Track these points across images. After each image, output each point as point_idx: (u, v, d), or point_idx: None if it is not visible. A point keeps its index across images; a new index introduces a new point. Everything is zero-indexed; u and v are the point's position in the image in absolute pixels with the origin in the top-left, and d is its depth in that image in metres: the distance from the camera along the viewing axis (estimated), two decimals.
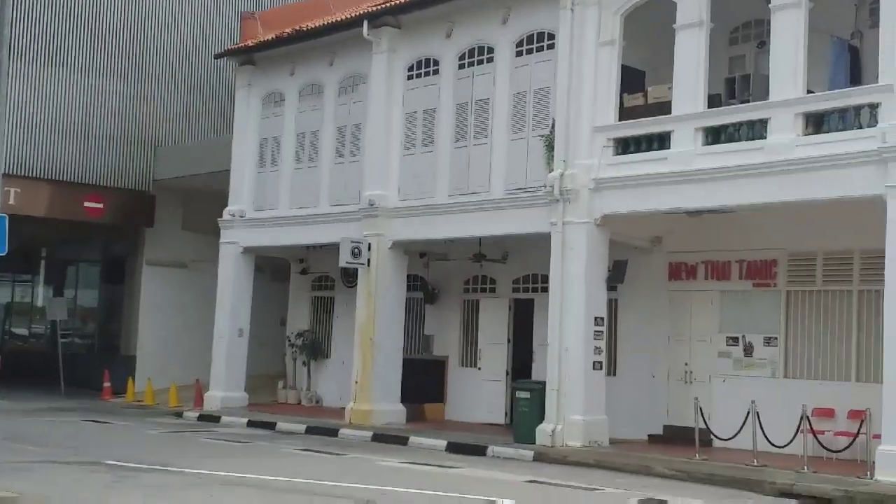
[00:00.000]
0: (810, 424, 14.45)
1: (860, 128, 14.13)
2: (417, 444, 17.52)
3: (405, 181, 20.18)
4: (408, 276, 20.90)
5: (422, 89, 20.13)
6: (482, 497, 11.84)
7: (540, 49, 18.15)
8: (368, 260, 20.14)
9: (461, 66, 19.48)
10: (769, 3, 15.17)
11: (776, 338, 16.64)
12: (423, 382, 21.03)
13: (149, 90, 27.57)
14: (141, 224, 27.51)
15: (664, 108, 16.32)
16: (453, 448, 16.93)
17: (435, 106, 19.82)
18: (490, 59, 18.95)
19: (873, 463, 13.34)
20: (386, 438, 18.14)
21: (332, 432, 18.95)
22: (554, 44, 17.75)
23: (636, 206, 16.35)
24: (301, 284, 24.98)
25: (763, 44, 16.95)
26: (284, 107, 22.98)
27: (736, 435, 15.10)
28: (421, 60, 20.22)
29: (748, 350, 16.95)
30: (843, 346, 15.97)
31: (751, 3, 16.41)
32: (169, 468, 13.43)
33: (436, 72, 19.92)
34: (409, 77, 20.40)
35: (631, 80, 17.31)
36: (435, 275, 21.89)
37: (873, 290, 15.16)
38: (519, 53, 18.51)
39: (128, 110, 27.18)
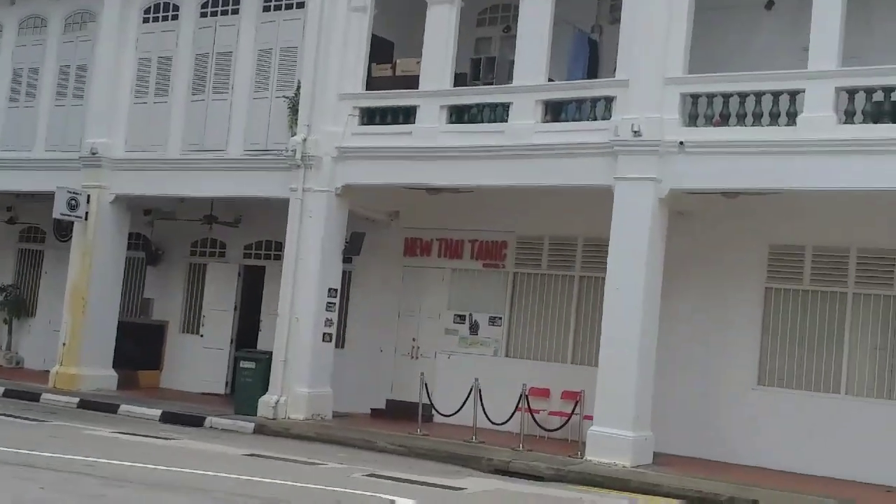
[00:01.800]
0: (528, 403, 14.89)
1: (595, 119, 14.62)
2: (129, 413, 16.49)
3: (134, 131, 18.89)
4: (129, 234, 19.67)
5: (158, 34, 18.87)
6: (199, 471, 11.20)
7: (289, 6, 17.47)
8: (86, 213, 18.77)
9: (203, 15, 18.42)
10: None
11: (501, 318, 17.07)
12: (138, 348, 19.91)
13: None
14: None
15: (411, 81, 16.19)
16: (168, 418, 16.11)
17: (172, 54, 18.66)
18: (235, 11, 18.05)
19: (584, 443, 13.90)
20: (94, 405, 16.95)
21: (34, 397, 17.47)
22: (304, 2, 17.15)
23: (378, 179, 16.16)
24: (6, 235, 22.89)
25: (508, 28, 17.28)
26: (1, 39, 20.85)
27: (458, 411, 15.31)
28: (159, 3, 18.94)
29: (474, 328, 17.28)
30: (562, 328, 16.59)
31: None
32: None
33: (175, 17, 18.73)
34: (146, 20, 19.06)
35: (380, 49, 17.09)
36: (160, 234, 20.73)
37: (594, 276, 15.87)
38: (267, 8, 17.72)
39: None
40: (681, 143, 13.70)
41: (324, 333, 16.43)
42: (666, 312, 14.23)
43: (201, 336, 20.12)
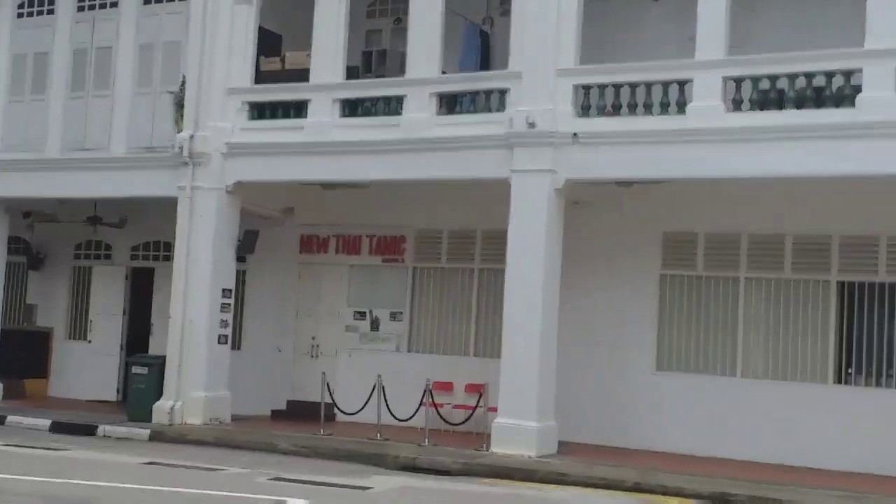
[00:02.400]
0: (432, 398, 14.83)
1: (490, 112, 14.60)
2: (17, 424, 15.90)
3: (10, 131, 18.12)
4: (8, 238, 18.88)
5: (33, 30, 18.12)
6: (94, 482, 10.79)
7: None
8: None
9: (80, 9, 17.77)
10: None
11: (402, 312, 16.99)
12: (23, 356, 19.23)
13: None
14: None
15: (302, 75, 15.91)
16: (58, 428, 15.58)
17: (48, 50, 17.93)
18: (114, 4, 17.45)
19: (489, 435, 13.92)
20: None
21: None
22: None
23: (270, 175, 15.87)
24: None
25: (399, 20, 17.16)
26: None
27: (361, 409, 15.15)
28: None
29: (375, 324, 17.15)
30: (463, 321, 16.60)
31: None
32: None
33: (51, 12, 18.02)
34: (20, 15, 18.30)
35: (268, 43, 16.78)
36: (41, 238, 19.95)
37: (493, 268, 15.88)
38: (147, 1, 17.17)
39: None
40: (575, 134, 13.80)
41: (219, 335, 16.06)
42: (565, 302, 14.33)
43: (89, 342, 19.49)
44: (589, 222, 15.23)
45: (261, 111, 16.16)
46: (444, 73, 15.14)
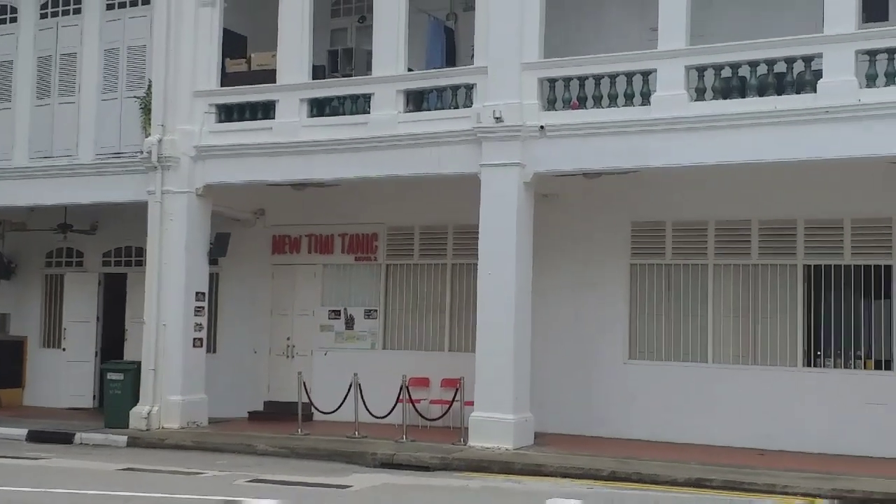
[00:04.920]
0: (409, 394, 14.89)
1: (457, 107, 14.66)
2: None
3: None
4: None
5: None
6: (71, 490, 10.78)
7: (134, 4, 16.92)
8: None
9: (43, 16, 17.67)
10: None
11: (376, 310, 17.02)
12: None
13: None
14: None
15: (268, 76, 15.91)
16: (35, 437, 15.54)
17: (12, 58, 17.83)
18: (77, 10, 17.36)
19: (466, 429, 14.01)
20: None
21: None
22: None
23: (240, 177, 15.86)
24: None
25: (364, 18, 17.17)
26: None
27: (338, 408, 15.20)
28: None
29: (349, 323, 17.18)
30: (437, 317, 16.66)
31: None
32: None
33: (13, 20, 17.92)
34: None
35: (233, 44, 16.77)
36: (11, 246, 19.84)
37: (465, 263, 15.98)
38: (111, 6, 17.11)
39: None
40: (541, 127, 13.89)
41: (194, 339, 16.04)
42: (537, 294, 14.44)
43: (63, 350, 19.38)
44: (558, 214, 15.34)
45: (228, 113, 16.14)
46: (410, 70, 15.18)
